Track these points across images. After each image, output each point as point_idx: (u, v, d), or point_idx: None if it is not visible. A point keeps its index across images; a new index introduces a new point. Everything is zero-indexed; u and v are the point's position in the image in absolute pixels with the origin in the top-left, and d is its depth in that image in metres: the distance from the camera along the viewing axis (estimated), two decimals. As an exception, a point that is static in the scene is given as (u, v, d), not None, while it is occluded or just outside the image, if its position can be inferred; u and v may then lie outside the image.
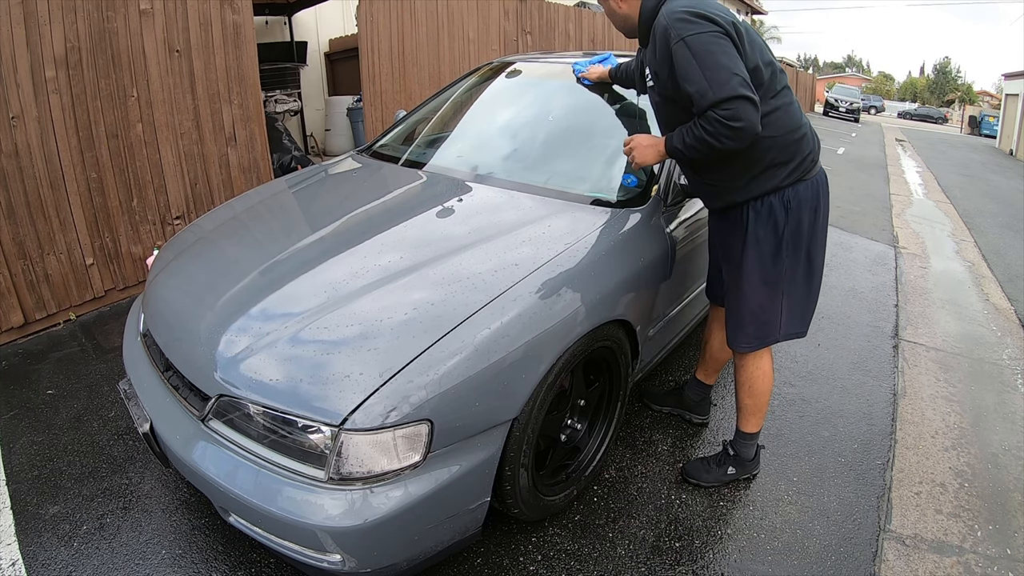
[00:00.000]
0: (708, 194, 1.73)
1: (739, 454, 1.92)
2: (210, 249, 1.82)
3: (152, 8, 2.96)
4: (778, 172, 1.58)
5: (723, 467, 1.92)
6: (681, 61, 1.44)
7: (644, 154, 1.65)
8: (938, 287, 4.16)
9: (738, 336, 1.77)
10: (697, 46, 1.41)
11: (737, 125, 1.39)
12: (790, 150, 1.58)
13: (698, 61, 1.41)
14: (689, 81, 1.43)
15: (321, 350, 1.27)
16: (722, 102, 1.39)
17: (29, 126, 2.58)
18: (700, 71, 1.41)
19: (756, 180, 1.59)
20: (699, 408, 2.22)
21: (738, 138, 1.41)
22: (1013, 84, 20.06)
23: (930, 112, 41.77)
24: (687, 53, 1.42)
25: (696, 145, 1.48)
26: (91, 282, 2.93)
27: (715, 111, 1.40)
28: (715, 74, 1.40)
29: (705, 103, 1.41)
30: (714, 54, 1.41)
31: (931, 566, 1.71)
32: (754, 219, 1.63)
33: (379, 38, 4.67)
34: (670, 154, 1.59)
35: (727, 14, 1.51)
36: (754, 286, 1.68)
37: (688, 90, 1.44)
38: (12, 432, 2.06)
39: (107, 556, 1.57)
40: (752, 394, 1.83)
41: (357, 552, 1.20)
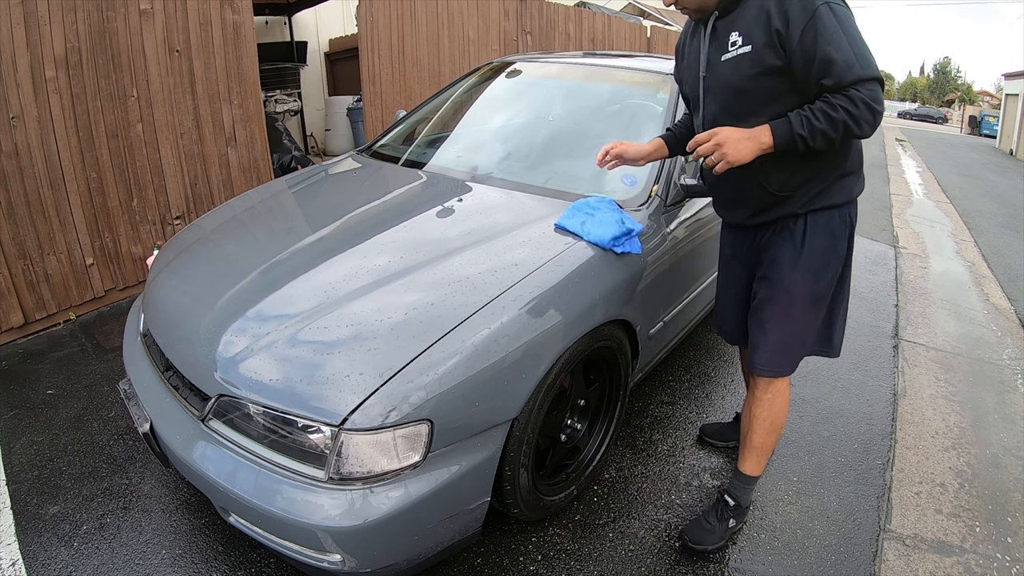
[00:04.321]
0: (765, 205, 1.49)
1: (739, 502, 1.71)
2: (210, 249, 1.82)
3: (152, 8, 2.96)
4: (851, 183, 1.47)
5: (724, 521, 1.70)
6: (828, 24, 1.26)
7: (739, 150, 1.31)
8: (938, 287, 4.16)
9: (778, 360, 1.58)
10: (843, 14, 1.28)
11: (879, 108, 1.26)
12: (858, 159, 1.49)
13: (845, 31, 1.26)
14: (836, 47, 1.25)
15: (321, 350, 1.27)
16: (868, 80, 1.25)
17: (29, 126, 2.58)
18: (847, 42, 1.26)
19: (831, 189, 1.44)
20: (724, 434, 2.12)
21: (873, 124, 1.28)
22: (1013, 84, 20.07)
23: (930, 112, 41.79)
24: (833, 19, 1.27)
25: (827, 130, 1.26)
26: (91, 282, 2.93)
27: (860, 88, 1.24)
28: (860, 48, 1.26)
29: (851, 76, 1.24)
30: (857, 29, 1.29)
31: (931, 566, 1.71)
32: (813, 232, 1.47)
33: (379, 38, 4.67)
34: (781, 145, 1.31)
35: None
36: (804, 306, 1.52)
37: (833, 56, 1.25)
38: (12, 432, 2.06)
39: (107, 556, 1.57)
40: (773, 430, 1.65)
41: (357, 552, 1.20)
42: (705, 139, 1.33)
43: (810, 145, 1.28)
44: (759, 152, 1.32)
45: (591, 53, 3.05)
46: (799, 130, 1.28)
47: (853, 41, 1.26)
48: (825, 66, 1.26)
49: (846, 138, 1.29)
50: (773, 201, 1.47)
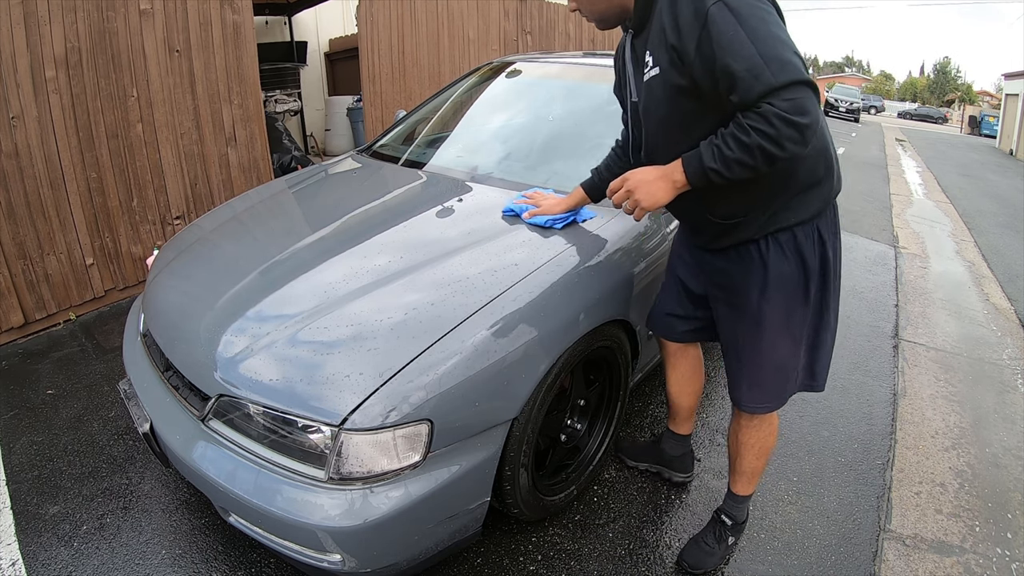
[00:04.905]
0: (718, 233, 1.34)
1: (735, 520, 1.65)
2: (210, 249, 1.82)
3: (152, 8, 2.96)
4: (815, 195, 1.27)
5: (723, 541, 1.64)
6: (723, 27, 1.06)
7: (653, 193, 1.21)
8: (938, 287, 4.16)
9: (754, 395, 1.45)
10: (744, 10, 1.06)
11: (803, 120, 1.04)
12: (823, 170, 1.27)
13: (747, 31, 1.05)
14: (735, 56, 1.05)
15: (321, 350, 1.27)
16: (783, 88, 1.03)
17: (29, 126, 2.58)
18: (751, 44, 1.05)
19: (788, 207, 1.25)
20: (679, 464, 1.91)
21: (804, 139, 1.06)
22: (1013, 84, 20.07)
23: (930, 112, 41.79)
24: (730, 18, 1.06)
25: (744, 159, 1.08)
26: (91, 282, 2.93)
27: (773, 102, 1.04)
28: (771, 48, 1.04)
29: (759, 88, 1.04)
30: (767, 22, 1.06)
31: (931, 566, 1.71)
32: (775, 255, 1.29)
33: (379, 38, 4.67)
34: (695, 183, 1.17)
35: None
36: (776, 337, 1.36)
37: (733, 68, 1.05)
38: (12, 432, 2.06)
39: (107, 556, 1.57)
40: (762, 454, 1.57)
41: (357, 552, 1.20)
42: (617, 186, 1.26)
43: (728, 177, 1.12)
44: (675, 192, 1.21)
45: (591, 53, 3.05)
46: (710, 163, 1.12)
47: (760, 40, 1.05)
48: (728, 80, 1.07)
49: (771, 163, 1.09)
50: (724, 229, 1.33)
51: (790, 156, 1.08)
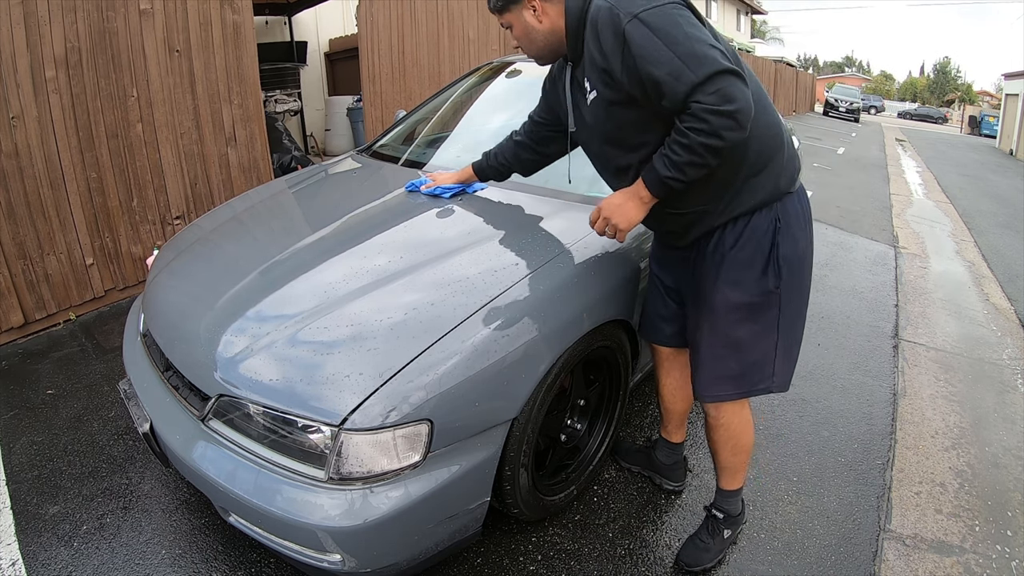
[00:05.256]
0: (683, 228, 1.40)
1: (728, 513, 1.65)
2: (210, 249, 1.82)
3: (152, 8, 2.96)
4: (762, 182, 1.30)
5: (717, 535, 1.64)
6: (640, 41, 1.14)
7: (626, 214, 1.30)
8: (938, 287, 4.16)
9: (714, 384, 1.45)
10: (656, 21, 1.14)
11: (732, 108, 1.10)
12: (769, 151, 1.31)
13: (662, 38, 1.13)
14: (656, 63, 1.13)
15: (321, 350, 1.27)
16: (706, 82, 1.10)
17: (29, 126, 2.58)
18: (668, 49, 1.12)
19: (738, 196, 1.30)
20: (671, 473, 1.88)
21: (740, 124, 1.12)
22: (1013, 84, 20.06)
23: (930, 112, 41.78)
24: (645, 31, 1.14)
25: (692, 159, 1.16)
26: (91, 282, 2.93)
27: (699, 99, 1.11)
28: (687, 48, 1.11)
29: (683, 87, 1.12)
30: (680, 25, 1.14)
31: (931, 566, 1.71)
32: (732, 240, 1.34)
33: (379, 38, 4.67)
34: (658, 194, 1.26)
35: None
36: (732, 322, 1.37)
37: (656, 75, 1.14)
38: (12, 432, 2.06)
39: (107, 556, 1.57)
40: (737, 451, 1.56)
41: (357, 552, 1.20)
42: (595, 217, 1.37)
43: (686, 180, 1.20)
44: (645, 207, 1.30)
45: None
46: (665, 173, 1.20)
47: (676, 43, 1.12)
48: (656, 88, 1.16)
49: (718, 155, 1.16)
50: (689, 223, 1.37)
51: (733, 143, 1.15)
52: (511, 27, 1.37)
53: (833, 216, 5.86)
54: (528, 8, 1.32)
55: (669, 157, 1.19)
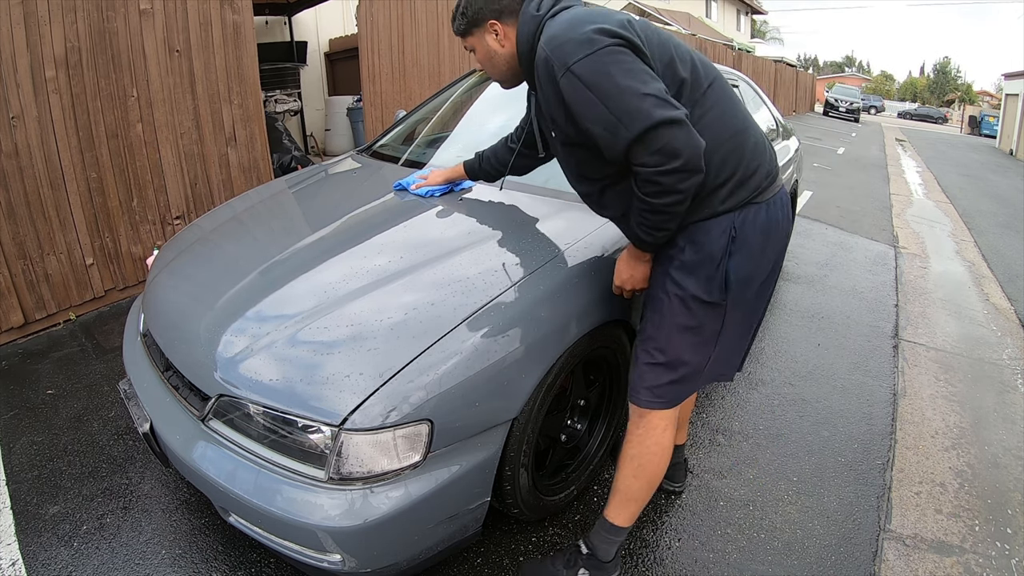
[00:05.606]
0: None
1: (596, 554, 1.46)
2: (210, 249, 1.82)
3: (152, 8, 2.96)
4: (720, 194, 1.25)
5: (572, 570, 1.47)
6: (574, 97, 1.14)
7: (637, 274, 1.38)
8: (938, 287, 4.16)
9: (643, 389, 1.36)
10: (589, 73, 1.11)
11: (677, 163, 1.09)
12: (729, 165, 1.24)
13: (596, 92, 1.11)
14: (591, 121, 1.14)
15: (321, 350, 1.27)
16: (642, 139, 1.09)
17: (29, 126, 2.58)
18: (602, 104, 1.11)
19: (698, 204, 1.25)
20: (671, 474, 1.83)
21: (691, 170, 1.11)
22: (1013, 84, 20.07)
23: (930, 112, 41.78)
24: (578, 85, 1.12)
25: (663, 217, 1.17)
26: (91, 282, 2.93)
27: (643, 161, 1.11)
28: (620, 103, 1.09)
29: (620, 145, 1.12)
30: (612, 76, 1.10)
31: (931, 566, 1.71)
32: (682, 247, 1.28)
33: (379, 38, 4.67)
34: (653, 250, 1.31)
35: (618, 15, 1.23)
36: (673, 332, 1.31)
37: (593, 132, 1.15)
38: (12, 432, 2.06)
39: (107, 556, 1.57)
40: (640, 474, 1.40)
41: (357, 552, 1.20)
42: (618, 288, 1.45)
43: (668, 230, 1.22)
44: (648, 261, 1.36)
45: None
46: (648, 237, 1.25)
47: (609, 99, 1.10)
48: (595, 141, 1.17)
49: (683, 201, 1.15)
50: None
51: (694, 187, 1.15)
52: (474, 50, 1.37)
53: (833, 216, 5.86)
54: (490, 32, 1.31)
55: (643, 224, 1.22)
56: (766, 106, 3.53)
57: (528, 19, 1.26)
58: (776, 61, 21.58)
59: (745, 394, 2.47)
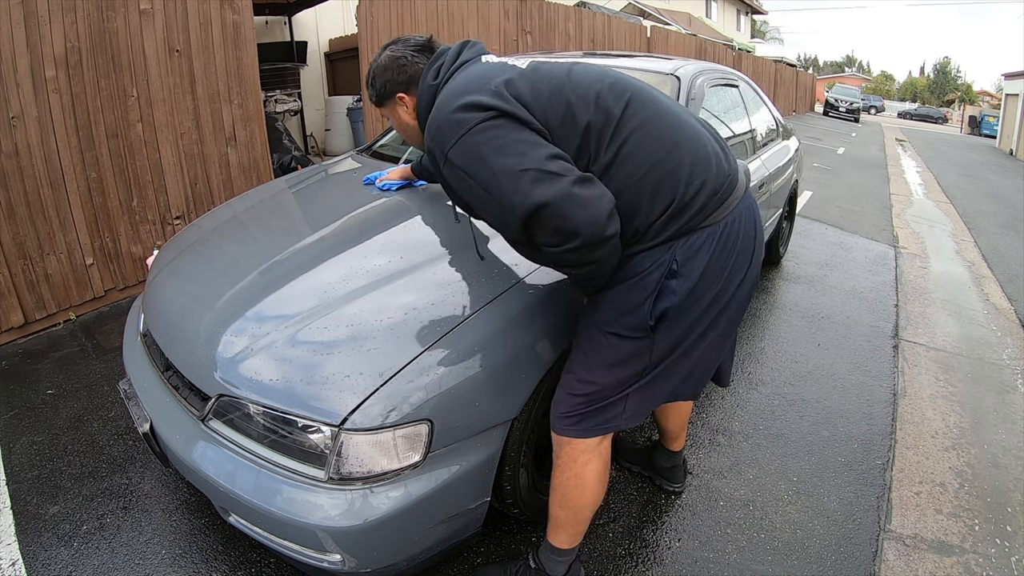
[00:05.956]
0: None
1: (544, 569, 1.41)
2: (210, 249, 1.82)
3: (152, 8, 2.96)
4: (649, 230, 1.13)
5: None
6: (458, 186, 1.09)
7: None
8: (938, 287, 4.16)
9: (555, 417, 1.30)
10: (465, 158, 1.04)
11: (575, 243, 1.01)
12: (663, 194, 1.11)
13: (476, 179, 1.04)
14: (481, 209, 1.10)
15: (321, 350, 1.27)
16: (530, 222, 1.01)
17: (29, 126, 2.58)
18: (484, 191, 1.04)
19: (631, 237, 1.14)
20: (670, 474, 1.86)
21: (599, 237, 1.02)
22: (1013, 84, 20.07)
23: (930, 112, 41.77)
24: (460, 175, 1.06)
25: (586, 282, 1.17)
26: (91, 282, 2.93)
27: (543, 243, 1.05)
28: (500, 189, 1.01)
29: (512, 231, 1.06)
30: (486, 159, 1.01)
31: (931, 566, 1.71)
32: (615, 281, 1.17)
33: (379, 38, 4.66)
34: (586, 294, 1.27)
35: (498, 75, 1.10)
36: (593, 364, 1.23)
37: (484, 217, 1.13)
38: (12, 432, 2.06)
39: (107, 556, 1.57)
40: (564, 504, 1.33)
41: (357, 552, 1.20)
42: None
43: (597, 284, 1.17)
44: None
45: (591, 53, 3.04)
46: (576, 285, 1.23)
47: (490, 185, 1.02)
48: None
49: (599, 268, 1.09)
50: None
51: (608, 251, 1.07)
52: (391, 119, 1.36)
53: (833, 216, 5.86)
54: (400, 105, 1.30)
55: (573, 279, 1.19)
56: (766, 106, 3.53)
57: (424, 91, 1.20)
58: (776, 61, 21.57)
59: (745, 394, 2.47)
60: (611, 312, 1.20)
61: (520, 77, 1.12)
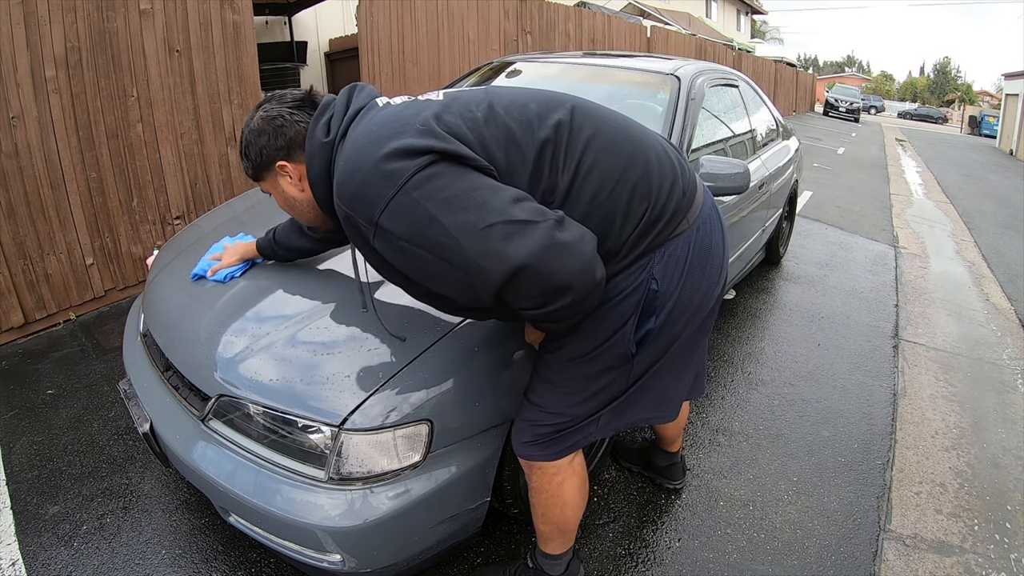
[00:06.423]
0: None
1: (541, 568, 1.41)
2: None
3: (152, 8, 2.96)
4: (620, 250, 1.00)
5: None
6: (401, 259, 0.88)
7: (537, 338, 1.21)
8: (938, 287, 4.16)
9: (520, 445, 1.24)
10: (405, 224, 0.83)
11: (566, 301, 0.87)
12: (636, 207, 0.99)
13: (425, 247, 0.84)
14: (435, 281, 0.89)
15: (321, 350, 1.27)
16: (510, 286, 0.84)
17: (29, 126, 2.58)
18: (439, 260, 0.84)
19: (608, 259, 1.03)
20: (669, 473, 1.86)
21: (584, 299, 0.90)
22: (1013, 84, 20.07)
23: (930, 112, 41.78)
24: (399, 245, 0.85)
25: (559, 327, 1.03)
26: (91, 282, 2.93)
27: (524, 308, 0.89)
28: (460, 251, 0.82)
29: (484, 300, 0.87)
30: (435, 219, 0.82)
31: (931, 566, 1.71)
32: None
33: (379, 38, 4.66)
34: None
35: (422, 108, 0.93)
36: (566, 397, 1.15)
37: (445, 293, 0.92)
38: (12, 432, 2.06)
39: (107, 556, 1.57)
40: (547, 519, 1.31)
41: (357, 552, 1.20)
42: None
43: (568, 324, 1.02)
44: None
45: (591, 53, 3.05)
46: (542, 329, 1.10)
47: (446, 249, 0.82)
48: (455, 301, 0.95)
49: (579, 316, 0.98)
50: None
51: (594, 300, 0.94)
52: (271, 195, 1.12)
53: (833, 216, 5.86)
54: (283, 176, 1.06)
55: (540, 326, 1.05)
56: (766, 106, 3.53)
57: (316, 151, 0.97)
58: (776, 61, 21.57)
59: (745, 394, 2.47)
60: (584, 345, 1.07)
61: (444, 109, 0.93)
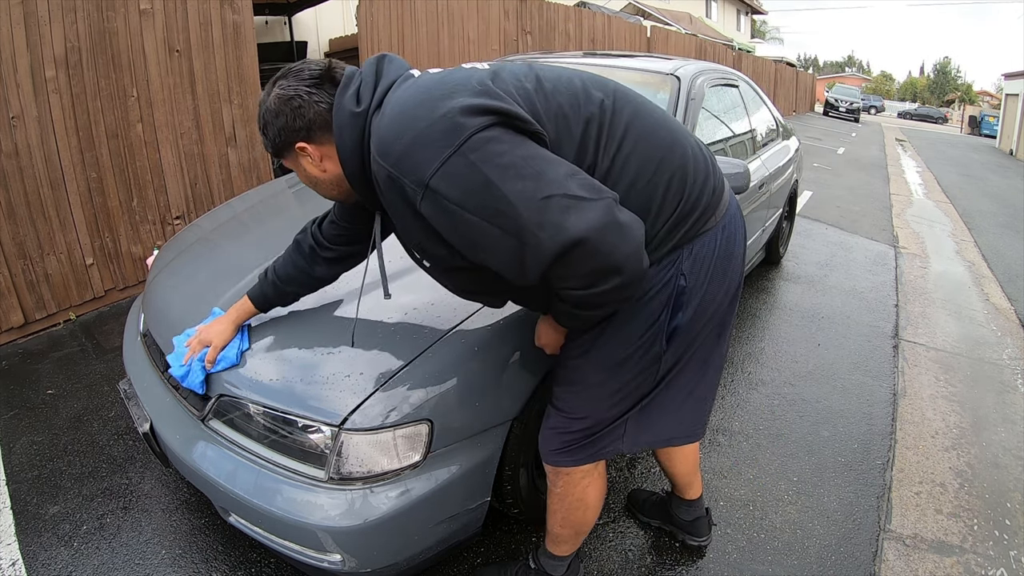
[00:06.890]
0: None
1: (544, 570, 1.41)
2: (210, 249, 1.82)
3: (152, 8, 2.96)
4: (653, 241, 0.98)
5: None
6: (447, 223, 0.83)
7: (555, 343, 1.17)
8: (938, 287, 4.16)
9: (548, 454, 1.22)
10: (460, 185, 0.78)
11: (615, 283, 0.83)
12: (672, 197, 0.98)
13: (477, 212, 0.79)
14: (483, 249, 0.83)
15: (321, 350, 1.27)
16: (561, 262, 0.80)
17: (29, 126, 2.58)
18: (491, 226, 0.79)
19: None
20: (693, 529, 1.65)
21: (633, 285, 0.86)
22: (1013, 84, 20.07)
23: (930, 112, 41.79)
24: (449, 208, 0.80)
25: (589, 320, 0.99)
26: (91, 282, 2.93)
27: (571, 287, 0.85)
28: (515, 219, 0.78)
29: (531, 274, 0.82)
30: (493, 184, 0.77)
31: (931, 566, 1.71)
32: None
33: (379, 38, 4.66)
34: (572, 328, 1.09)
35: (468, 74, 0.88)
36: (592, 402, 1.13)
37: (490, 263, 0.86)
38: (12, 432, 2.06)
39: (107, 556, 1.57)
40: (567, 524, 1.31)
41: (357, 552, 1.20)
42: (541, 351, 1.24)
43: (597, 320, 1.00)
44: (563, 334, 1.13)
45: (591, 53, 3.04)
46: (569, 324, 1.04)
47: (500, 216, 0.78)
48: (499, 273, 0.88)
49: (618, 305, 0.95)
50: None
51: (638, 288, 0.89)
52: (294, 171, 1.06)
53: (833, 216, 5.86)
54: (303, 156, 1.00)
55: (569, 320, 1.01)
56: (766, 106, 3.53)
57: (346, 123, 0.91)
58: (776, 61, 21.58)
59: (745, 394, 2.47)
60: (611, 346, 1.04)
61: (494, 76, 0.90)
